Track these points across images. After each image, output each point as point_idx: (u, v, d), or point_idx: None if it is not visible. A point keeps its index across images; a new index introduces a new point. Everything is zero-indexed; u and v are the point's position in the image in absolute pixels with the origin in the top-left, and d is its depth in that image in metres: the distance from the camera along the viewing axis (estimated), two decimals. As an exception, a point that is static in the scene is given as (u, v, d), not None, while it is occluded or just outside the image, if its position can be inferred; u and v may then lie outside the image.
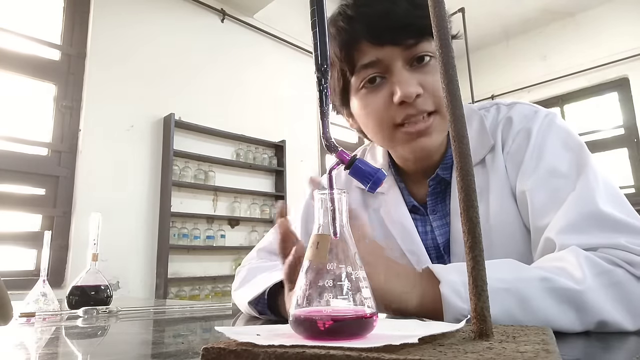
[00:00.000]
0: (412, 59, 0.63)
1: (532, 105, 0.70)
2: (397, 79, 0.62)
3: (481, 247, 0.32)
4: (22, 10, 2.80)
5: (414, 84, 0.62)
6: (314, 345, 0.29)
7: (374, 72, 0.64)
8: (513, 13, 4.34)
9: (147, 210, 3.01)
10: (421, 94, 0.62)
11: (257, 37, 3.96)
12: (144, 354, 0.48)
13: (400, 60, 0.63)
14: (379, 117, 0.65)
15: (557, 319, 0.43)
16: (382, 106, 0.64)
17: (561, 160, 0.61)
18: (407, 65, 0.63)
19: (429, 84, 0.63)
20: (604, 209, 0.52)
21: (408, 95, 0.61)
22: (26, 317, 0.81)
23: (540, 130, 0.64)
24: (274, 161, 3.85)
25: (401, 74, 0.62)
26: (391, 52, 0.62)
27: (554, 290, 0.44)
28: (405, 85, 0.61)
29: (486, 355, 0.26)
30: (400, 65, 0.63)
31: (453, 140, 0.34)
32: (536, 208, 0.59)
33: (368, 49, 0.63)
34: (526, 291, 0.44)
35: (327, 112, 0.42)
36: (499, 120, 0.69)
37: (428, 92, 0.63)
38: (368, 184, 0.40)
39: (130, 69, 3.07)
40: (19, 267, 2.55)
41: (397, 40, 0.62)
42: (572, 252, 0.48)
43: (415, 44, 0.62)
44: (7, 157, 2.55)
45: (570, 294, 0.44)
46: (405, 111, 0.63)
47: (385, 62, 0.63)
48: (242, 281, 0.77)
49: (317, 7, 0.42)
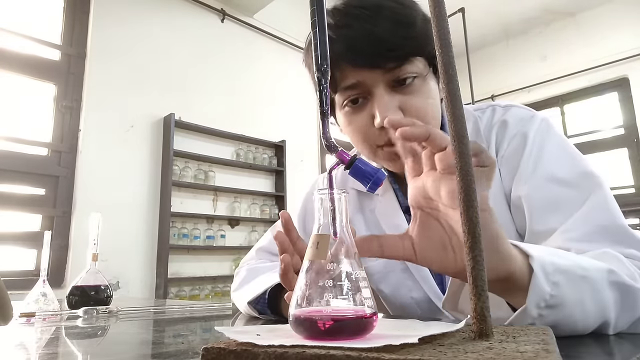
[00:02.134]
0: (393, 81, 0.62)
1: (528, 108, 0.69)
2: (378, 103, 0.61)
3: (481, 247, 0.32)
4: (22, 10, 2.80)
5: (392, 108, 0.61)
6: (314, 345, 0.29)
7: (356, 94, 0.63)
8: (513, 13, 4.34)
9: (147, 210, 3.01)
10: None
11: (257, 37, 3.96)
12: (144, 354, 0.48)
13: (382, 83, 0.61)
14: (362, 136, 0.65)
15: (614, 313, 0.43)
16: (364, 127, 0.64)
17: (560, 166, 0.60)
18: (389, 87, 0.62)
19: (411, 106, 0.62)
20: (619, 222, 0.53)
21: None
22: (26, 317, 0.81)
23: (537, 135, 0.64)
24: (274, 161, 3.85)
25: (381, 99, 0.61)
26: (371, 75, 0.61)
27: (616, 284, 0.43)
28: (384, 111, 0.60)
29: (486, 355, 0.26)
30: (381, 88, 0.61)
31: (453, 140, 0.34)
32: (534, 213, 0.59)
33: (349, 72, 0.62)
34: (599, 282, 0.42)
35: (327, 112, 0.42)
36: (493, 122, 0.69)
37: (410, 114, 0.62)
38: (368, 184, 0.40)
39: (130, 69, 3.07)
40: (19, 267, 2.55)
41: (378, 64, 0.60)
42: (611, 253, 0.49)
43: (398, 67, 0.61)
44: (7, 157, 2.55)
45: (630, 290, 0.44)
46: (386, 135, 0.62)
47: (365, 85, 0.62)
48: (242, 282, 0.77)
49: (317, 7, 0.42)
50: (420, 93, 0.63)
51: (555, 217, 0.56)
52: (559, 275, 0.40)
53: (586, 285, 0.41)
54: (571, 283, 0.40)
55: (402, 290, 0.71)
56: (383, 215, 0.74)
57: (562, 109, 4.46)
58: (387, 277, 0.72)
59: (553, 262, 0.40)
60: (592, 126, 4.23)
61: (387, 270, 0.72)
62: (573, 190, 0.57)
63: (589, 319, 0.42)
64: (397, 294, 0.71)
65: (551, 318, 0.40)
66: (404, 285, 0.71)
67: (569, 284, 0.40)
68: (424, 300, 0.69)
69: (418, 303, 0.70)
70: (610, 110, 4.19)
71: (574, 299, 0.40)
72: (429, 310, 0.69)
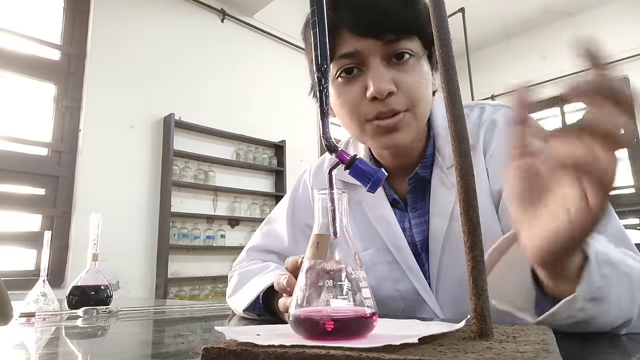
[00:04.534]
0: (390, 54, 0.62)
1: None
2: (372, 74, 0.61)
3: (481, 247, 0.32)
4: (22, 10, 2.80)
5: (387, 80, 0.61)
6: (314, 345, 0.29)
7: (351, 63, 0.63)
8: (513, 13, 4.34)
9: (147, 210, 3.01)
10: (394, 92, 0.61)
11: (257, 37, 3.96)
12: (144, 354, 0.48)
13: (379, 55, 0.62)
14: (351, 109, 0.65)
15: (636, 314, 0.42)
16: (355, 99, 0.64)
17: None
18: (385, 61, 0.62)
19: (404, 82, 0.62)
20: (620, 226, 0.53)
21: (380, 92, 0.60)
22: (26, 317, 0.81)
23: None
24: (274, 161, 3.85)
25: (377, 69, 0.61)
26: (370, 45, 0.61)
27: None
28: (379, 82, 0.60)
29: (486, 355, 0.26)
30: (377, 60, 0.62)
31: (453, 140, 0.34)
32: None
33: (348, 39, 0.62)
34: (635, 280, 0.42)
35: (327, 112, 0.42)
36: (482, 121, 0.69)
37: (402, 90, 0.62)
38: (368, 184, 0.40)
39: (130, 69, 3.07)
40: (19, 267, 2.55)
41: (378, 33, 0.61)
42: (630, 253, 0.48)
43: (396, 40, 0.61)
44: (7, 157, 2.55)
45: None
46: (376, 108, 0.62)
47: (363, 54, 0.62)
48: (235, 287, 0.77)
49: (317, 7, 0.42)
50: (414, 72, 0.63)
51: None
52: (608, 268, 0.39)
53: (627, 282, 0.41)
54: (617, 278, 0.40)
55: (388, 282, 0.71)
56: (370, 206, 0.74)
57: (562, 109, 4.46)
58: (372, 268, 0.72)
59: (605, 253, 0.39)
60: (592, 126, 4.22)
61: (374, 261, 0.72)
62: None
63: (619, 317, 0.41)
64: (381, 286, 0.71)
65: (590, 312, 0.39)
66: (390, 277, 0.71)
67: (616, 279, 0.39)
68: (410, 292, 0.69)
69: (403, 295, 0.70)
70: (610, 110, 4.18)
71: (616, 296, 0.40)
72: (413, 303, 0.69)
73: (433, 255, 0.68)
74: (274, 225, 0.87)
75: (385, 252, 0.72)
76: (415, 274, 0.69)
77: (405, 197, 0.73)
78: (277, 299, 0.59)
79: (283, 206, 0.88)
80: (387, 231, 0.72)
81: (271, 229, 0.87)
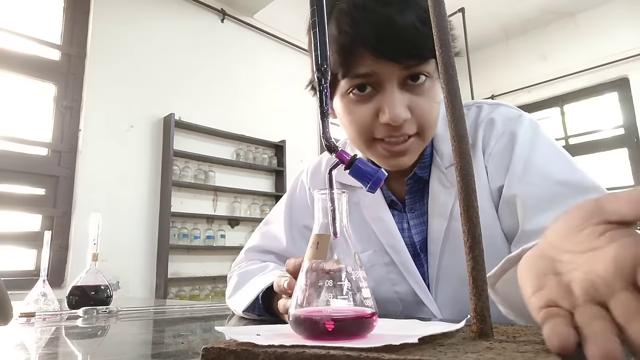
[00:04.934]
0: (407, 77, 0.61)
1: (515, 108, 0.70)
2: (389, 99, 0.60)
3: (481, 247, 0.32)
4: (22, 10, 2.80)
5: (403, 107, 0.60)
6: (314, 345, 0.29)
7: (366, 82, 0.62)
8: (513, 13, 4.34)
9: (147, 210, 3.01)
10: (408, 119, 0.60)
11: (257, 37, 3.96)
12: (144, 354, 0.48)
13: (396, 79, 0.60)
14: (361, 128, 0.63)
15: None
16: (366, 119, 0.62)
17: (553, 165, 0.60)
18: (400, 84, 0.61)
19: (418, 107, 0.61)
20: None
21: (395, 119, 0.59)
22: (26, 317, 0.81)
23: (527, 134, 0.64)
24: (274, 161, 3.85)
25: (393, 94, 0.60)
26: (389, 68, 0.59)
27: None
28: (394, 108, 0.59)
29: (486, 355, 0.26)
30: (394, 83, 0.60)
31: (453, 140, 0.34)
32: (529, 211, 0.58)
33: (367, 60, 0.59)
34: None
35: (327, 112, 0.42)
36: (480, 120, 0.69)
37: (415, 116, 0.61)
38: (368, 184, 0.40)
39: (130, 69, 3.07)
40: (19, 267, 2.55)
41: (400, 59, 0.59)
42: None
43: (416, 65, 0.60)
44: (7, 157, 2.55)
45: None
46: (388, 131, 0.62)
47: (380, 76, 0.60)
48: (235, 288, 0.77)
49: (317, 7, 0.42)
50: (428, 95, 0.62)
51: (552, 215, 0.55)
52: None
53: None
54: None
55: (386, 284, 0.71)
56: (367, 208, 0.74)
57: (562, 109, 4.46)
58: (370, 270, 0.71)
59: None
60: (592, 126, 4.22)
61: (372, 263, 0.72)
62: (571, 189, 0.57)
63: None
64: (380, 288, 0.71)
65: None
66: (388, 279, 0.71)
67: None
68: (408, 294, 0.69)
69: (401, 297, 0.70)
70: (610, 111, 4.19)
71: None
72: (412, 305, 0.69)
73: (432, 256, 0.68)
74: (271, 226, 0.87)
75: (382, 254, 0.71)
76: (413, 276, 0.69)
77: (403, 198, 0.73)
78: (277, 299, 0.59)
79: (281, 207, 0.88)
80: (384, 233, 0.72)
81: (269, 229, 0.87)
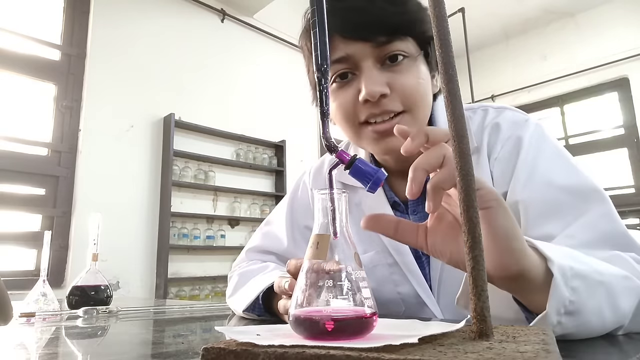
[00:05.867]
0: (384, 57, 0.62)
1: (521, 112, 0.69)
2: (365, 77, 0.61)
3: (481, 247, 0.32)
4: (22, 10, 2.80)
5: (380, 83, 0.61)
6: (314, 345, 0.29)
7: (345, 68, 0.63)
8: (513, 13, 4.34)
9: (147, 210, 3.01)
10: (387, 94, 0.61)
11: (257, 37, 3.96)
12: (144, 354, 0.48)
13: (371, 58, 0.62)
14: (346, 113, 0.65)
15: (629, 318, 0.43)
16: (348, 103, 0.64)
17: (558, 172, 0.60)
18: (378, 63, 0.62)
19: (398, 84, 0.62)
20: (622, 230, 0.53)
21: (372, 94, 0.60)
22: (26, 317, 0.81)
23: (533, 140, 0.63)
24: (274, 161, 3.85)
25: (369, 72, 0.61)
26: (361, 48, 0.61)
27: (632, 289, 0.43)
28: (371, 84, 0.60)
29: (486, 355, 0.26)
30: (370, 63, 0.62)
31: (453, 140, 0.34)
32: (532, 218, 0.58)
33: (339, 44, 0.62)
34: (615, 287, 0.42)
35: (327, 112, 0.42)
36: (485, 124, 0.68)
37: (396, 92, 0.62)
38: (368, 184, 0.40)
39: (130, 69, 3.07)
40: (19, 267, 2.55)
41: (367, 35, 0.61)
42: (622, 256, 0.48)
43: (387, 42, 0.61)
44: (7, 157, 2.55)
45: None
46: (369, 110, 0.62)
47: (355, 58, 0.62)
48: (235, 287, 0.77)
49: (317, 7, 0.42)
50: (409, 73, 0.63)
51: (554, 223, 0.55)
52: (578, 281, 0.39)
53: (603, 290, 0.41)
54: (589, 289, 0.40)
55: (388, 285, 0.71)
56: (369, 208, 0.73)
57: (562, 109, 4.46)
58: (373, 271, 0.71)
59: (572, 267, 0.39)
60: (592, 126, 4.23)
61: (374, 264, 0.71)
62: (573, 197, 0.56)
63: (605, 325, 0.42)
64: (382, 289, 0.71)
65: (570, 325, 0.39)
66: (390, 280, 0.70)
67: (587, 290, 0.39)
68: (411, 295, 0.69)
69: (404, 298, 0.70)
70: (610, 110, 4.19)
71: (592, 306, 0.40)
72: (414, 306, 0.69)
73: (434, 259, 0.68)
74: (273, 227, 0.87)
75: (385, 255, 0.71)
76: (415, 277, 0.69)
77: (406, 199, 0.72)
78: (277, 299, 0.59)
79: (282, 207, 0.88)
80: None
81: (270, 230, 0.87)
